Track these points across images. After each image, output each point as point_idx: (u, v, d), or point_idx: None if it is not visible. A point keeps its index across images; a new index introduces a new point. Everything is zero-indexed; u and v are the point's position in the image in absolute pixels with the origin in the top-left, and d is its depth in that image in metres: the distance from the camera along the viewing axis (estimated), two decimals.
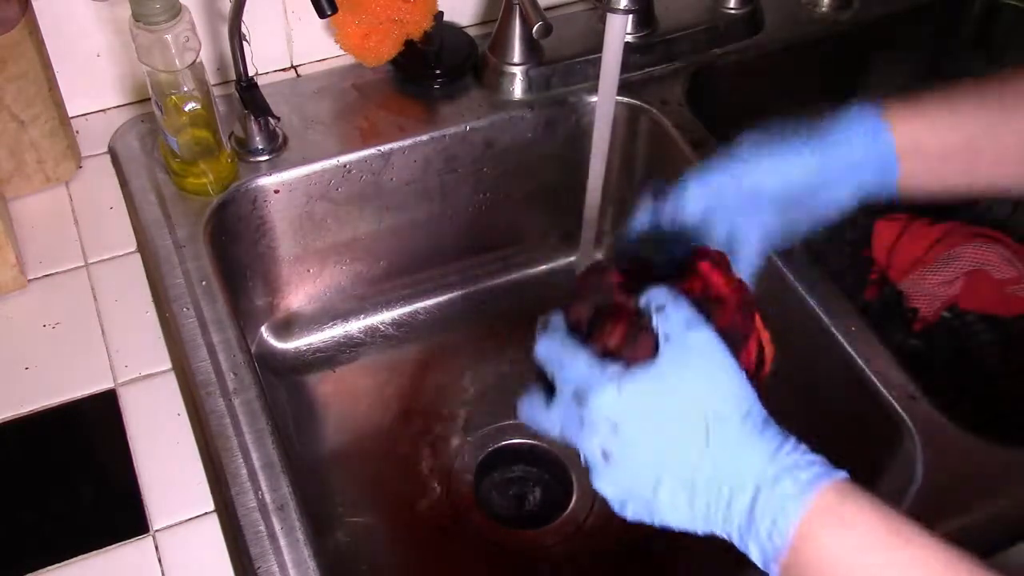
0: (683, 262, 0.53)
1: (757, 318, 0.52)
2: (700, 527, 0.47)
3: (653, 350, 0.47)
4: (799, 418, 0.48)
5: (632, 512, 0.49)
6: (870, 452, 0.72)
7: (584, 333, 0.50)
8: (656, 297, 0.48)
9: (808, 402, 0.77)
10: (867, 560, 0.44)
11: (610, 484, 0.48)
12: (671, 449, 0.46)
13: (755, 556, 0.46)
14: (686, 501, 0.47)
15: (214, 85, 0.89)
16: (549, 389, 0.50)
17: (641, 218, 0.60)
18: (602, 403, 0.47)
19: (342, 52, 0.92)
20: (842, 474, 0.45)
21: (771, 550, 0.45)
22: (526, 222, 1.00)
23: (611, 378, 0.47)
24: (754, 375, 0.51)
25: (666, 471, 0.47)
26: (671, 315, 0.47)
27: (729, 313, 0.50)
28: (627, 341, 0.48)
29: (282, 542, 0.61)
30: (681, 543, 0.83)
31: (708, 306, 0.50)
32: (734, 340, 0.49)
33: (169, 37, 0.70)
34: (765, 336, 0.53)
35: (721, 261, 0.52)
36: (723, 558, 0.80)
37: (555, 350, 0.50)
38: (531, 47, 0.89)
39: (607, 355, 0.48)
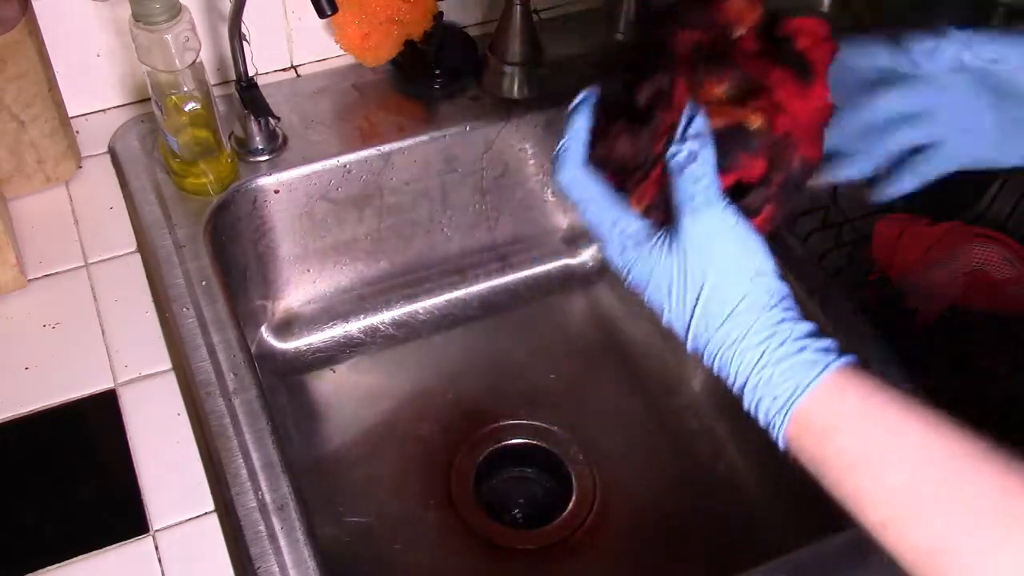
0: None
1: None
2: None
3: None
4: None
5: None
6: None
7: (614, 170, 0.49)
8: (679, 151, 0.46)
9: None
10: (876, 450, 0.43)
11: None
12: (688, 307, 0.47)
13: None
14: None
15: (214, 85, 0.89)
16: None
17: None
18: (619, 261, 0.49)
19: (342, 52, 0.92)
20: (847, 359, 0.45)
21: (777, 422, 0.46)
22: (526, 222, 1.00)
23: (626, 245, 0.49)
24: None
25: (688, 317, 0.48)
26: (686, 183, 0.46)
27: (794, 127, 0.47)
28: (652, 208, 0.48)
29: (282, 542, 0.61)
30: (681, 543, 0.84)
31: (754, 137, 0.46)
32: (783, 152, 0.47)
33: (169, 37, 0.70)
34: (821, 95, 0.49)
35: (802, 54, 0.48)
36: (723, 558, 0.81)
37: (581, 190, 0.50)
38: (531, 47, 0.89)
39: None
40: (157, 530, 0.61)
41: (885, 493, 0.43)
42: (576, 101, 0.51)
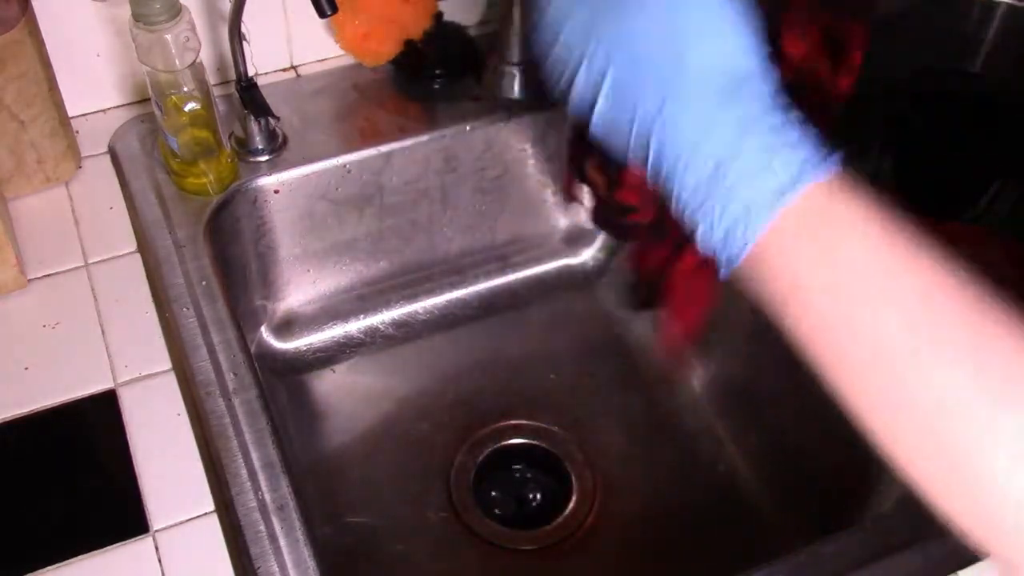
0: None
1: None
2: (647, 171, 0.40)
3: None
4: (797, 418, 0.48)
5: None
6: (869, 452, 0.72)
7: None
8: None
9: (806, 402, 0.77)
10: (848, 283, 0.37)
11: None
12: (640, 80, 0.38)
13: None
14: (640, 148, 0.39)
15: (214, 85, 0.89)
16: None
17: None
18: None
19: (342, 52, 0.92)
20: (833, 163, 0.37)
21: (724, 252, 0.38)
22: (526, 222, 1.00)
23: None
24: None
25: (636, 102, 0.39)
26: None
27: None
28: None
29: (282, 542, 0.61)
30: (681, 543, 0.84)
31: None
32: None
33: (169, 37, 0.70)
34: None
35: None
36: (723, 558, 0.81)
37: None
38: (531, 47, 0.89)
39: None
40: (157, 530, 0.61)
41: (866, 339, 0.36)
42: None
